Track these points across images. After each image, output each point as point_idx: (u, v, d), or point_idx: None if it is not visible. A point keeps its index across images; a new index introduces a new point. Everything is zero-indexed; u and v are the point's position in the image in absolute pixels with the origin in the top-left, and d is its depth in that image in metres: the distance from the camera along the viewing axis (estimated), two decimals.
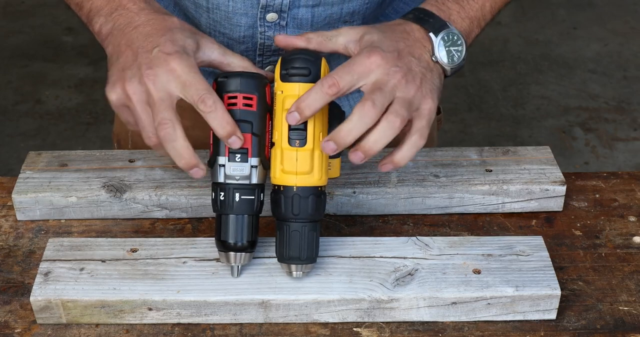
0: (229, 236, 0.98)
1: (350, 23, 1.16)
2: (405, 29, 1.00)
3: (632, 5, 3.97)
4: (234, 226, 0.98)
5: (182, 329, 0.99)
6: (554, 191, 1.16)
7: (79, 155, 1.20)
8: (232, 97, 0.96)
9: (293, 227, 0.97)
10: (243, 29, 1.15)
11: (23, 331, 0.99)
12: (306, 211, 0.97)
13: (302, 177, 0.96)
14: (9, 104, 3.26)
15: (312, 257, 0.99)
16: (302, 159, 0.96)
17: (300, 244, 0.97)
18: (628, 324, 1.00)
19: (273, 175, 0.97)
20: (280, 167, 0.96)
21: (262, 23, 1.14)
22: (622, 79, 3.44)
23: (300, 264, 0.98)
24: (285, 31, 1.15)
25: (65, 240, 1.06)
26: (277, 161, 0.96)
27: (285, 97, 0.95)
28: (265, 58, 1.19)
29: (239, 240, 0.98)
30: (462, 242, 1.06)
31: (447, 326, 1.00)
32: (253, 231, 0.99)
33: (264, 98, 0.97)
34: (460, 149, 1.23)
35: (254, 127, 0.96)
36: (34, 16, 3.81)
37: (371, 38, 0.96)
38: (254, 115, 0.96)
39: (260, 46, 1.17)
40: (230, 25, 1.15)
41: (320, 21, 1.14)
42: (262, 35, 1.15)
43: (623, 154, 3.04)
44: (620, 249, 1.11)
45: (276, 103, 0.97)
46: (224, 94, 0.96)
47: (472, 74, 3.46)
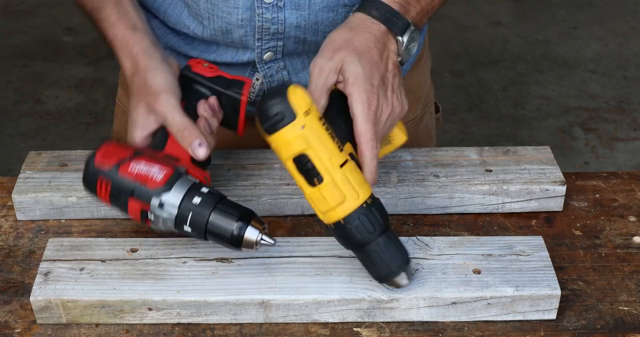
0: (223, 233, 0.97)
1: (350, 6, 1.16)
2: (375, 35, 1.03)
3: (632, 5, 3.97)
4: (215, 229, 0.98)
5: (182, 329, 0.99)
6: (554, 191, 1.16)
7: (79, 156, 1.20)
8: (99, 195, 1.01)
9: (369, 249, 0.96)
10: (241, 11, 1.15)
11: (23, 331, 0.99)
12: (367, 231, 0.95)
13: (341, 208, 0.95)
14: (9, 104, 3.26)
15: (403, 261, 0.97)
16: (328, 193, 0.94)
17: (386, 259, 0.96)
18: (628, 324, 1.00)
19: (322, 219, 0.96)
20: (319, 209, 0.96)
21: (259, 4, 1.14)
22: (622, 79, 3.44)
23: (400, 274, 0.97)
24: (283, 12, 1.15)
25: (65, 240, 1.06)
26: (313, 205, 0.96)
27: (279, 146, 0.94)
28: (265, 42, 1.19)
29: (236, 227, 0.97)
30: (462, 242, 1.06)
31: (447, 326, 1.00)
32: (235, 211, 0.98)
33: (105, 168, 0.99)
34: (460, 149, 1.23)
35: (125, 191, 0.98)
36: (34, 16, 3.81)
37: (352, 71, 0.99)
38: (115, 186, 0.98)
39: (259, 29, 1.17)
40: (227, 7, 1.15)
41: (318, 3, 1.14)
42: (260, 17, 1.15)
43: (623, 154, 3.03)
44: (620, 249, 1.11)
45: (278, 154, 0.95)
46: (97, 197, 1.01)
47: (472, 74, 3.45)
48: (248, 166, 1.18)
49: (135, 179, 0.97)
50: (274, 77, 1.23)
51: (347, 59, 1.00)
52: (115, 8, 1.11)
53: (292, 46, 1.20)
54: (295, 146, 0.93)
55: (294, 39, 1.19)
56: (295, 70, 1.24)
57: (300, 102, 0.92)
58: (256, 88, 1.25)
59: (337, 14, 1.17)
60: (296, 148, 0.93)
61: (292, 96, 0.92)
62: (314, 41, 1.19)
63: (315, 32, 1.18)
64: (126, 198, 0.97)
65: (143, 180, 0.97)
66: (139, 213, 0.98)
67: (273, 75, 1.23)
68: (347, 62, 1.00)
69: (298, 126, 0.92)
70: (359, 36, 1.03)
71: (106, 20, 1.11)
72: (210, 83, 1.08)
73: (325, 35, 1.17)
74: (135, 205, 0.97)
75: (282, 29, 1.17)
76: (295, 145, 0.92)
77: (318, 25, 1.17)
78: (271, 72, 1.23)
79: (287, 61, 1.23)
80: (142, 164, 0.98)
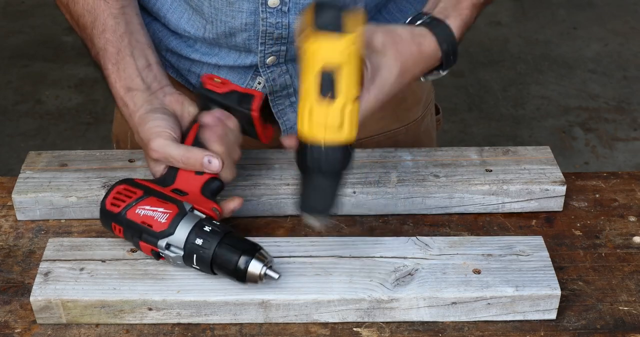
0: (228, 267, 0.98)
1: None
2: (430, 67, 1.05)
3: (632, 5, 3.97)
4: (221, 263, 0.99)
5: (182, 329, 0.99)
6: (554, 190, 1.16)
7: (79, 155, 1.20)
8: (116, 233, 1.04)
9: (318, 181, 0.95)
10: (245, 15, 1.15)
11: (23, 331, 0.99)
12: (335, 166, 0.94)
13: (331, 133, 0.92)
14: (9, 104, 3.26)
15: (328, 208, 0.97)
16: (332, 113, 0.92)
17: (323, 197, 0.96)
18: (628, 324, 1.00)
19: (300, 128, 0.94)
20: (309, 122, 0.93)
21: (264, 9, 1.14)
22: (622, 79, 3.44)
23: (321, 216, 0.97)
24: (287, 17, 1.15)
25: (65, 240, 1.06)
26: (305, 116, 0.93)
27: (320, 48, 0.90)
28: (268, 47, 1.19)
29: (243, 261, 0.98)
30: (462, 242, 1.06)
31: (447, 326, 1.00)
32: (240, 245, 0.99)
33: (116, 211, 1.01)
34: (460, 149, 1.23)
35: (135, 233, 1.01)
36: (34, 16, 3.81)
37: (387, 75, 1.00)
38: (126, 231, 1.01)
39: (262, 34, 1.17)
40: (231, 11, 1.15)
41: None
42: (264, 22, 1.15)
43: (623, 154, 3.03)
44: (620, 249, 1.11)
45: (307, 54, 0.92)
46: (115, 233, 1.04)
47: (472, 74, 3.45)
48: (248, 166, 1.18)
49: (142, 223, 0.99)
50: (277, 81, 1.23)
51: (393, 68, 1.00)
52: (115, 66, 1.12)
53: (296, 51, 1.20)
54: (337, 58, 0.90)
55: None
56: (298, 75, 1.23)
57: (358, 27, 0.91)
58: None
59: None
60: (337, 60, 0.90)
61: (354, 19, 0.90)
62: None
63: None
64: (137, 240, 1.00)
65: (149, 223, 0.99)
66: (151, 252, 1.00)
67: (275, 79, 1.23)
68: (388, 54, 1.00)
69: (351, 41, 0.90)
70: (421, 67, 1.04)
71: (108, 78, 1.12)
72: (222, 99, 1.08)
73: None
74: (145, 246, 1.00)
75: (286, 34, 1.17)
76: (338, 57, 0.90)
77: None
78: (274, 76, 1.22)
79: (290, 65, 1.22)
80: (147, 208, 1.00)
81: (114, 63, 1.11)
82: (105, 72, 1.13)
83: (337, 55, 0.90)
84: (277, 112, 1.27)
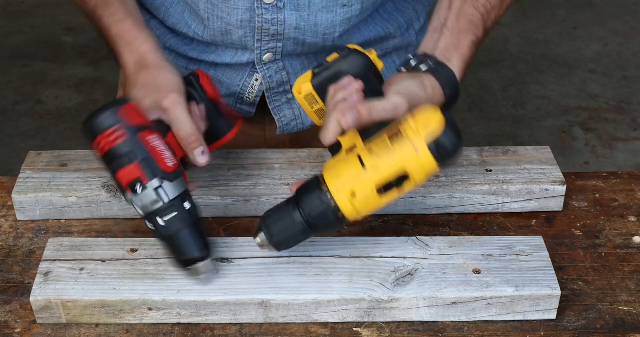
0: (187, 251, 0.98)
1: (349, 7, 1.16)
2: (434, 96, 1.04)
3: (632, 5, 3.97)
4: (185, 241, 0.98)
5: (182, 329, 0.99)
6: (554, 190, 1.16)
7: (79, 155, 1.20)
8: (100, 141, 0.97)
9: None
10: (241, 12, 1.15)
11: (23, 331, 0.99)
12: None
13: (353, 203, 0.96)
14: (9, 104, 3.26)
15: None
16: (375, 200, 0.96)
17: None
18: (628, 324, 1.00)
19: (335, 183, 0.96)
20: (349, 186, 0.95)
21: (259, 5, 1.14)
22: (622, 79, 3.44)
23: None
24: (283, 13, 1.15)
25: (65, 240, 1.06)
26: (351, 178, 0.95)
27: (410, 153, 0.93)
28: (264, 43, 1.19)
29: (199, 250, 0.98)
30: (462, 242, 1.06)
31: (447, 326, 1.00)
32: (203, 237, 0.99)
33: (127, 122, 0.96)
34: None
35: (135, 154, 0.96)
36: (34, 16, 3.81)
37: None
38: (127, 144, 0.96)
39: (259, 30, 1.17)
40: (227, 8, 1.15)
41: (318, 3, 1.14)
42: (259, 18, 1.15)
43: (623, 154, 3.03)
44: (620, 249, 1.11)
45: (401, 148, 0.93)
46: (94, 141, 0.98)
47: (472, 74, 3.45)
48: (248, 166, 1.18)
49: (149, 150, 0.96)
50: (274, 78, 1.23)
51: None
52: (122, 6, 1.11)
53: (292, 47, 1.20)
54: (419, 174, 0.94)
55: (294, 41, 1.19)
56: (295, 71, 1.24)
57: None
58: (255, 88, 1.25)
59: (336, 15, 1.16)
60: (414, 173, 0.94)
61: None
62: (314, 43, 1.19)
63: (314, 33, 1.18)
64: (129, 161, 0.95)
65: (156, 156, 0.96)
66: (130, 180, 0.95)
67: (272, 76, 1.23)
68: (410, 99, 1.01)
69: (436, 171, 0.94)
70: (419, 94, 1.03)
71: (112, 16, 1.11)
72: (209, 104, 1.08)
73: (324, 37, 1.18)
74: (133, 171, 0.95)
75: (282, 30, 1.17)
76: (419, 174, 0.94)
77: (317, 27, 1.17)
78: (270, 73, 1.23)
79: (287, 62, 1.23)
80: (160, 142, 0.97)
81: (120, 4, 1.11)
82: (108, 11, 1.11)
83: (421, 174, 0.93)
84: (274, 109, 1.27)
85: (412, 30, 1.30)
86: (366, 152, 0.94)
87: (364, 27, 1.23)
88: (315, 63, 1.23)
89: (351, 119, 0.94)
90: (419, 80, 1.03)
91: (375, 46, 1.27)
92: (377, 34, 1.25)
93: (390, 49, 1.29)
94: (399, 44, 1.30)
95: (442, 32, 1.09)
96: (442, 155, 0.91)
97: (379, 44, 1.27)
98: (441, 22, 1.10)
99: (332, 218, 0.96)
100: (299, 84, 1.03)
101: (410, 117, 0.93)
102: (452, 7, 1.11)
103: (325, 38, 1.19)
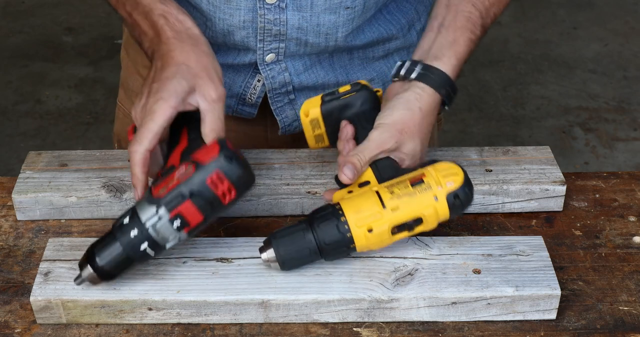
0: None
1: (351, 9, 1.16)
2: (435, 114, 1.09)
3: (632, 5, 3.97)
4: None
5: (182, 329, 0.99)
6: (554, 190, 1.16)
7: (79, 155, 1.20)
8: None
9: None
10: (243, 12, 1.15)
11: (23, 331, 0.99)
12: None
13: (371, 236, 0.99)
14: (9, 104, 3.26)
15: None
16: (386, 238, 1.00)
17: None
18: (628, 324, 1.00)
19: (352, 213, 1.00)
20: (366, 220, 0.99)
21: (262, 5, 1.14)
22: (622, 79, 3.44)
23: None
24: (285, 13, 1.15)
25: (65, 240, 1.06)
26: (370, 211, 0.99)
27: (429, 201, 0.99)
28: (267, 44, 1.19)
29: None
30: (462, 242, 1.06)
31: (447, 326, 1.00)
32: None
33: None
34: (460, 149, 1.23)
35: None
36: (34, 16, 3.81)
37: (410, 149, 1.05)
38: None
39: (261, 30, 1.17)
40: (229, 9, 1.15)
41: (320, 4, 1.14)
42: (262, 18, 1.15)
43: (623, 154, 3.03)
44: (620, 249, 1.11)
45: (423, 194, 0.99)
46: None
47: (472, 74, 3.46)
48: None
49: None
50: (276, 78, 1.23)
51: (408, 140, 1.05)
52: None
53: (294, 48, 1.20)
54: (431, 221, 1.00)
55: (296, 41, 1.19)
56: (297, 72, 1.24)
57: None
58: (257, 89, 1.25)
59: (339, 16, 1.16)
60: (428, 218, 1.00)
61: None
62: (316, 43, 1.19)
63: (317, 34, 1.18)
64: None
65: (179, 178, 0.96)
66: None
67: (275, 76, 1.23)
68: (408, 143, 1.05)
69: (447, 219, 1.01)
70: (428, 119, 1.07)
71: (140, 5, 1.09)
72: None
73: (327, 38, 1.18)
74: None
75: (284, 31, 1.17)
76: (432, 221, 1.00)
77: (320, 27, 1.17)
78: (273, 73, 1.23)
79: (289, 63, 1.22)
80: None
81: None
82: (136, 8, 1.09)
83: (434, 220, 1.00)
84: (276, 110, 1.27)
85: (414, 31, 1.30)
86: (387, 192, 0.99)
87: (366, 27, 1.23)
88: (318, 63, 1.23)
89: (350, 174, 1.01)
90: (411, 91, 1.06)
91: (378, 46, 1.27)
92: (380, 35, 1.25)
93: (392, 49, 1.29)
94: (400, 45, 1.30)
95: (438, 30, 1.11)
96: (456, 206, 0.99)
97: (381, 45, 1.27)
98: (439, 21, 1.12)
99: (343, 248, 0.99)
100: (308, 107, 1.09)
101: (432, 168, 1.00)
102: (449, 4, 1.13)
103: (327, 38, 1.19)
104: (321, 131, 1.10)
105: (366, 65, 1.29)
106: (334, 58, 1.25)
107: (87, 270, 0.96)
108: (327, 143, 1.12)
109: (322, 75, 1.25)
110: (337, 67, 1.26)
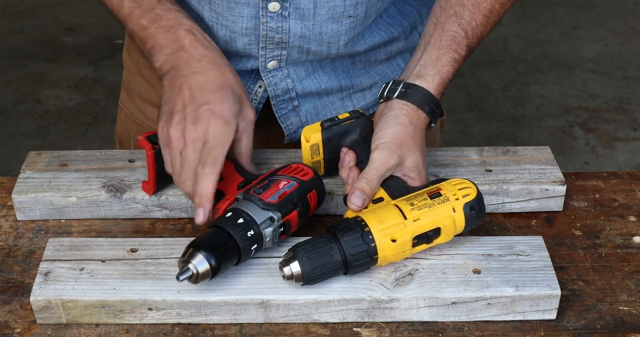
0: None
1: (354, 17, 1.16)
2: (424, 128, 1.10)
3: (632, 5, 3.98)
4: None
5: (182, 329, 0.99)
6: (554, 190, 1.16)
7: (79, 155, 1.20)
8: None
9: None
10: (245, 19, 1.15)
11: (23, 331, 0.99)
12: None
13: (393, 246, 1.00)
14: (9, 104, 3.26)
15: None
16: (405, 251, 1.02)
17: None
18: (628, 324, 1.00)
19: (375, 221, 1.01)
20: (390, 226, 1.00)
21: (264, 13, 1.14)
22: (622, 79, 3.44)
23: None
24: (287, 21, 1.15)
25: (65, 240, 1.06)
26: (393, 220, 1.00)
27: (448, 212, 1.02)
28: (269, 51, 1.18)
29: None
30: (462, 242, 1.06)
31: (447, 326, 1.00)
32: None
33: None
34: (460, 149, 1.23)
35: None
36: (34, 16, 3.81)
37: (413, 163, 1.07)
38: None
39: (263, 38, 1.17)
40: (232, 16, 1.15)
41: (323, 13, 1.14)
42: (264, 26, 1.15)
43: (623, 154, 3.03)
44: (620, 249, 1.11)
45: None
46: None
47: (472, 74, 3.46)
48: None
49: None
50: (278, 85, 1.23)
51: (409, 153, 1.06)
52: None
53: (297, 55, 1.20)
54: (448, 232, 1.03)
55: (298, 49, 1.19)
56: (300, 78, 1.23)
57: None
58: (259, 95, 1.25)
59: (341, 25, 1.16)
60: (445, 229, 1.03)
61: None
62: (318, 51, 1.19)
63: (319, 42, 1.18)
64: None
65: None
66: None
67: (277, 83, 1.23)
68: (409, 156, 1.06)
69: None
70: (419, 133, 1.09)
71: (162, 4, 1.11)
72: None
73: (329, 46, 1.18)
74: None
75: (287, 39, 1.17)
76: (449, 232, 1.04)
77: (322, 36, 1.17)
78: (275, 80, 1.22)
79: (291, 69, 1.22)
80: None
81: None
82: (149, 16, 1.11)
83: (451, 231, 1.02)
84: (280, 117, 1.27)
85: (416, 33, 1.30)
86: (406, 204, 1.01)
87: (368, 33, 1.23)
88: (320, 69, 1.24)
89: (359, 201, 1.02)
90: (396, 110, 1.08)
91: (380, 50, 1.27)
92: (382, 39, 1.25)
93: (395, 52, 1.29)
94: (403, 47, 1.29)
95: (425, 49, 1.13)
96: (472, 217, 1.02)
97: (382, 48, 1.27)
98: (426, 39, 1.14)
99: (367, 259, 0.99)
100: (309, 132, 1.11)
101: (447, 183, 1.03)
102: (437, 23, 1.14)
103: (330, 47, 1.19)
104: (319, 158, 1.12)
105: (369, 69, 1.29)
106: (336, 63, 1.25)
107: (203, 265, 0.96)
108: (323, 172, 1.14)
109: (325, 80, 1.25)
110: (340, 72, 1.26)
